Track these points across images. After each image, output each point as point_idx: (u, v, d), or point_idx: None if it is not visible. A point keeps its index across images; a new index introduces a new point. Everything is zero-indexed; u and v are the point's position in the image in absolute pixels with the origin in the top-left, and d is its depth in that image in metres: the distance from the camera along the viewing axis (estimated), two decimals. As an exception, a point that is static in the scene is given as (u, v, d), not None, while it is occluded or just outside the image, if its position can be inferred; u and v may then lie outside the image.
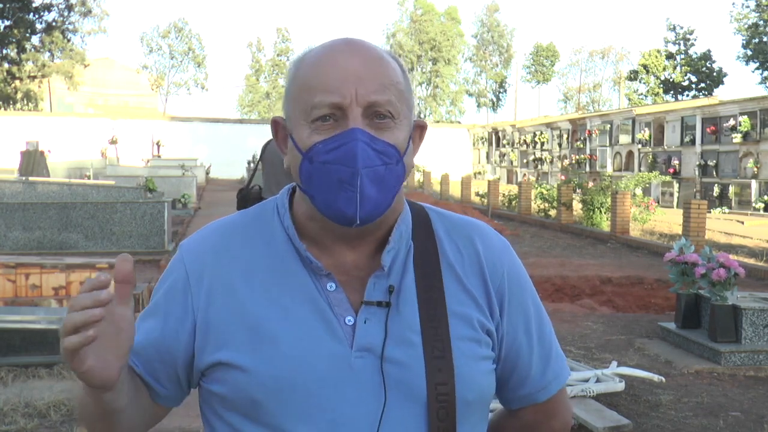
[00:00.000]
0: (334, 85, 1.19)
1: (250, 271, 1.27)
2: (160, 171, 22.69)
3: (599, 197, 17.78)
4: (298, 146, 1.23)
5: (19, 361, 5.90)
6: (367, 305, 1.25)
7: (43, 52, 50.41)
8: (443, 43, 70.61)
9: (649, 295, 9.89)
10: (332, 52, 1.23)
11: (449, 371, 1.23)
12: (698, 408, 5.49)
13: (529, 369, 1.37)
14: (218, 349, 1.24)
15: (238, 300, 1.26)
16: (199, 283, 1.28)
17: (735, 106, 23.66)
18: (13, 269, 6.95)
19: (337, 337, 1.23)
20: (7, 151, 34.51)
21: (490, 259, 1.34)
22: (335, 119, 1.20)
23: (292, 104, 1.25)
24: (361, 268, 1.28)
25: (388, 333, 1.23)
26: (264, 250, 1.29)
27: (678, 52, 61.88)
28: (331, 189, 1.19)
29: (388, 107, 1.22)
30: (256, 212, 1.36)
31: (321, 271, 1.26)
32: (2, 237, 9.73)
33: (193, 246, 1.33)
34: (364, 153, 1.18)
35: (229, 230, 1.34)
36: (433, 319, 1.25)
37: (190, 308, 1.28)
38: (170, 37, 72.47)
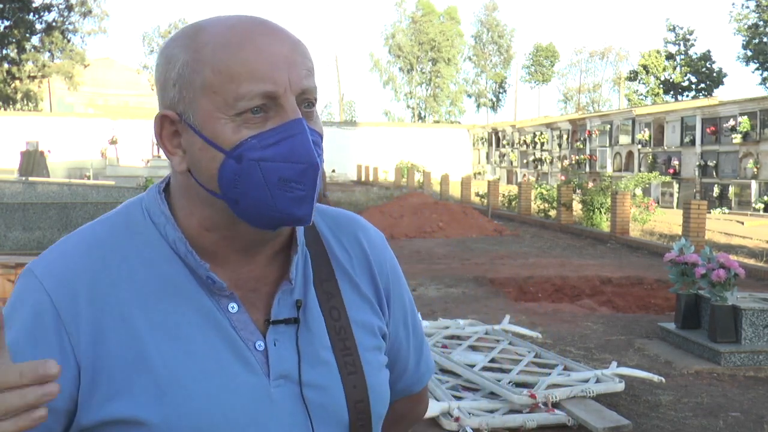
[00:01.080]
0: (265, 72, 1.02)
1: (139, 298, 1.06)
2: (160, 171, 22.66)
3: (599, 198, 17.78)
4: (215, 144, 1.03)
5: (19, 362, 5.88)
6: (274, 325, 1.10)
7: (43, 52, 50.42)
8: (443, 44, 70.60)
9: (649, 295, 9.88)
10: (251, 34, 1.04)
11: (363, 387, 1.14)
12: (698, 408, 5.49)
13: (407, 362, 1.32)
14: (110, 400, 1.03)
15: (131, 335, 1.04)
16: (75, 317, 1.04)
17: (735, 106, 23.66)
18: (13, 269, 6.92)
19: (251, 368, 1.08)
20: (7, 151, 34.52)
21: (376, 257, 1.24)
22: (265, 111, 1.03)
23: (201, 94, 1.04)
24: (260, 280, 1.13)
25: (301, 354, 1.11)
26: (148, 270, 1.08)
27: (678, 53, 61.87)
28: (268, 189, 1.02)
29: (315, 94, 1.08)
30: (120, 222, 1.13)
31: (223, 291, 1.08)
32: (2, 237, 9.71)
33: (54, 270, 1.06)
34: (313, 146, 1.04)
35: (98, 247, 1.09)
36: (340, 332, 1.15)
37: (68, 350, 1.03)
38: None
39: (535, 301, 9.62)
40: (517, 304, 9.30)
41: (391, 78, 73.41)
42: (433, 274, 10.97)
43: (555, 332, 7.63)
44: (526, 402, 5.08)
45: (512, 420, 4.94)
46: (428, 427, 4.94)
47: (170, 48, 1.08)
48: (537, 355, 6.19)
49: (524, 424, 4.92)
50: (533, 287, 10.42)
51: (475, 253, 13.89)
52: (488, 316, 8.10)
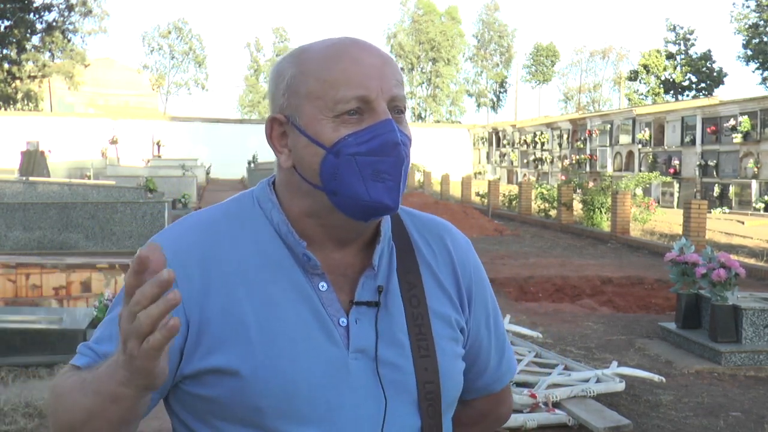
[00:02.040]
0: (360, 80, 1.19)
1: (242, 270, 1.23)
2: (161, 171, 22.69)
3: (599, 197, 17.78)
4: (318, 141, 1.20)
5: (20, 361, 5.90)
6: (357, 305, 1.24)
7: (44, 52, 50.45)
8: (443, 43, 70.59)
9: (650, 295, 9.88)
10: (347, 49, 1.22)
11: (435, 370, 1.26)
12: (699, 408, 5.49)
13: (488, 362, 1.41)
14: (211, 353, 1.19)
15: (233, 300, 1.20)
16: (187, 281, 1.20)
17: (735, 106, 23.66)
18: (14, 269, 6.94)
19: (334, 340, 1.22)
20: (8, 151, 34.52)
21: (460, 258, 1.37)
22: (360, 113, 1.19)
23: (306, 100, 1.21)
24: (348, 266, 1.27)
25: (379, 334, 1.24)
26: (253, 247, 1.24)
27: (678, 52, 61.87)
28: (363, 181, 1.18)
29: (404, 102, 1.24)
30: (235, 207, 1.30)
31: (316, 269, 1.24)
32: (2, 237, 9.73)
33: (170, 243, 1.21)
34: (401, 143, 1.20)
35: (212, 226, 1.27)
36: (417, 318, 1.27)
37: (180, 308, 1.18)
38: (170, 37, 72.51)
39: (536, 301, 9.63)
40: (518, 303, 9.30)
41: (392, 77, 73.30)
42: (434, 274, 10.96)
43: (555, 332, 7.63)
44: (526, 402, 5.08)
45: (513, 420, 4.91)
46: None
47: (281, 65, 1.27)
48: (537, 355, 6.19)
49: (525, 423, 4.91)
50: (534, 287, 10.42)
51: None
52: (489, 316, 8.09)
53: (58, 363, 5.92)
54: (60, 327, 6.13)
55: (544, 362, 6.03)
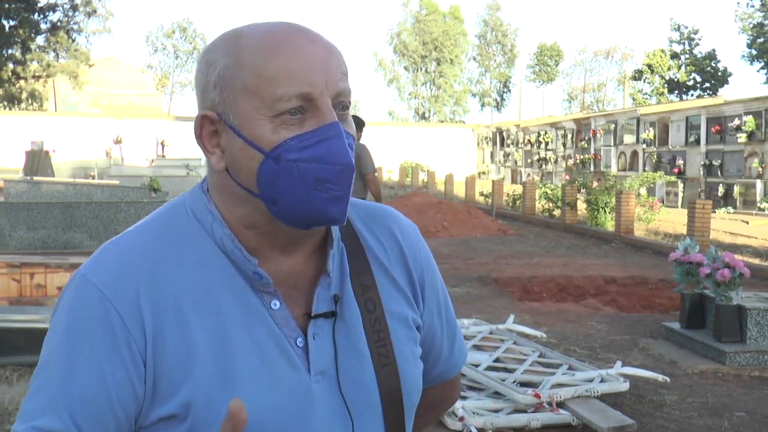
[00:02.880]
0: (302, 74, 1.06)
1: (191, 298, 1.09)
2: (165, 171, 22.66)
3: (603, 197, 17.76)
4: (255, 145, 1.07)
5: (24, 361, 5.88)
6: (314, 319, 1.14)
7: (48, 52, 50.48)
8: (446, 43, 70.58)
9: (654, 295, 9.88)
10: (289, 38, 1.08)
11: (396, 377, 1.18)
12: (703, 408, 5.49)
13: (441, 350, 1.35)
14: (168, 398, 1.07)
15: (185, 335, 1.08)
16: (139, 323, 1.07)
17: (740, 105, 23.61)
18: (18, 269, 6.95)
19: (294, 365, 1.11)
20: (12, 150, 34.59)
21: (410, 248, 1.28)
22: (302, 112, 1.06)
23: (241, 95, 1.07)
24: (299, 276, 1.16)
25: (338, 348, 1.14)
26: (196, 268, 1.11)
27: (683, 52, 61.80)
28: (305, 189, 1.06)
29: (349, 97, 1.12)
30: (168, 223, 1.15)
31: (268, 287, 1.12)
32: (7, 236, 9.73)
33: (111, 277, 1.08)
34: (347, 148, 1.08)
35: (149, 250, 1.11)
36: (375, 324, 1.18)
37: (138, 356, 1.06)
38: (175, 37, 72.58)
39: (540, 301, 9.63)
40: (522, 303, 9.30)
41: (396, 77, 73.40)
42: (438, 274, 10.95)
43: (559, 332, 7.62)
44: (530, 401, 5.08)
45: (517, 419, 4.95)
46: (432, 426, 4.94)
47: (211, 52, 1.12)
48: (541, 355, 6.19)
49: (529, 423, 4.92)
50: (537, 287, 10.42)
51: (479, 252, 13.88)
52: (492, 316, 8.10)
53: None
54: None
55: (548, 362, 6.02)
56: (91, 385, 1.05)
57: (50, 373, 1.07)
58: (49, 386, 1.06)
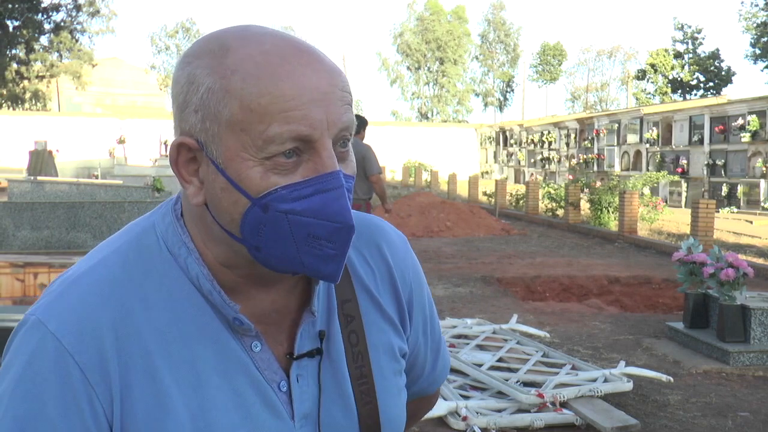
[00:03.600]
0: (301, 111, 0.91)
1: (162, 344, 0.97)
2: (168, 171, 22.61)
3: (607, 197, 17.75)
4: (240, 188, 0.92)
5: (28, 360, 5.90)
6: (297, 360, 1.04)
7: (52, 52, 50.59)
8: (450, 43, 70.56)
9: (657, 294, 9.86)
10: (285, 64, 0.92)
11: (375, 416, 1.08)
12: (707, 408, 5.48)
13: (424, 366, 1.27)
14: None
15: (156, 389, 0.96)
16: (104, 377, 0.94)
17: (743, 105, 23.58)
18: (22, 268, 6.93)
19: (277, 412, 1.02)
20: (16, 150, 34.64)
21: (399, 267, 1.17)
22: (298, 154, 0.92)
23: (226, 129, 0.92)
24: (279, 311, 1.05)
25: (322, 389, 1.05)
26: (168, 310, 0.99)
27: (686, 51, 61.70)
28: (294, 244, 0.93)
29: (352, 129, 0.97)
30: (132, 255, 1.01)
31: (249, 332, 1.01)
32: (11, 236, 9.74)
33: (72, 325, 0.94)
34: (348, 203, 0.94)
35: (114, 291, 0.98)
36: (357, 359, 1.08)
37: (101, 415, 0.94)
38: (178, 37, 72.65)
39: (543, 301, 9.62)
40: (525, 303, 9.29)
41: (399, 77, 73.41)
42: (441, 274, 10.96)
43: (563, 331, 7.62)
44: (534, 401, 5.08)
45: (520, 419, 4.94)
46: (436, 426, 4.94)
47: (193, 66, 0.95)
48: (545, 355, 6.19)
49: (532, 423, 4.92)
50: (541, 286, 10.42)
51: (482, 252, 13.88)
52: (496, 316, 8.10)
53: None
54: None
55: (552, 362, 6.02)
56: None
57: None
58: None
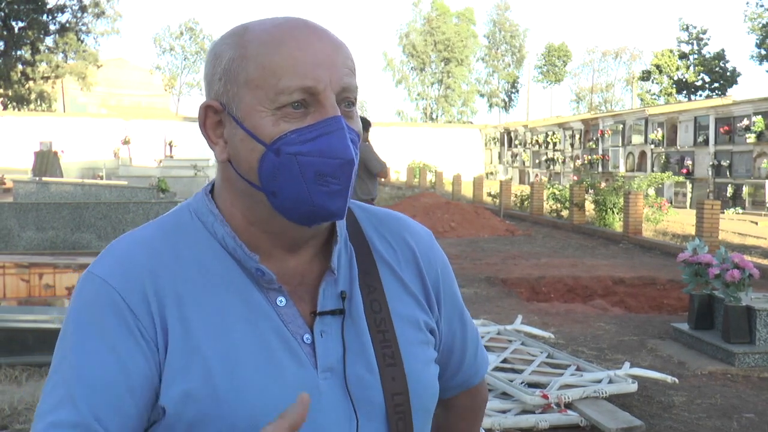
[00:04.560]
0: (307, 68, 1.06)
1: (192, 294, 1.10)
2: (173, 171, 22.70)
3: (612, 197, 17.76)
4: (255, 136, 1.07)
5: (33, 361, 5.93)
6: (320, 316, 1.13)
7: (57, 53, 50.70)
8: (456, 44, 70.59)
9: (662, 295, 9.87)
10: (294, 32, 1.08)
11: (402, 379, 1.16)
12: (712, 409, 5.48)
13: (464, 355, 1.34)
14: (169, 387, 1.07)
15: (187, 331, 1.08)
16: (146, 313, 1.08)
17: (749, 105, 23.55)
18: (27, 269, 6.98)
19: (300, 361, 1.11)
20: (21, 151, 34.75)
21: (424, 254, 1.27)
22: (305, 106, 1.07)
23: (244, 88, 1.08)
24: (305, 274, 1.16)
25: (346, 346, 1.14)
26: (199, 267, 1.12)
27: (691, 52, 61.65)
28: (304, 184, 1.06)
29: (355, 93, 1.12)
30: (170, 222, 1.17)
31: (272, 284, 1.12)
32: (16, 237, 9.78)
33: (118, 271, 1.10)
34: (349, 143, 1.08)
35: (152, 247, 1.13)
36: (380, 324, 1.17)
37: (149, 338, 1.07)
38: (182, 38, 72.80)
39: (548, 302, 9.64)
40: (530, 304, 9.30)
41: (404, 77, 73.46)
42: (445, 274, 10.97)
43: (567, 332, 7.63)
44: (538, 402, 5.08)
45: (525, 420, 4.94)
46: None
47: (219, 45, 1.13)
48: (549, 356, 6.19)
49: (537, 424, 4.92)
50: (545, 287, 10.43)
51: (487, 253, 13.89)
52: (500, 317, 8.11)
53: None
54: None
55: (556, 363, 6.03)
56: (108, 373, 1.05)
57: (64, 368, 1.06)
58: (65, 381, 1.05)
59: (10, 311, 6.49)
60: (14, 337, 6.03)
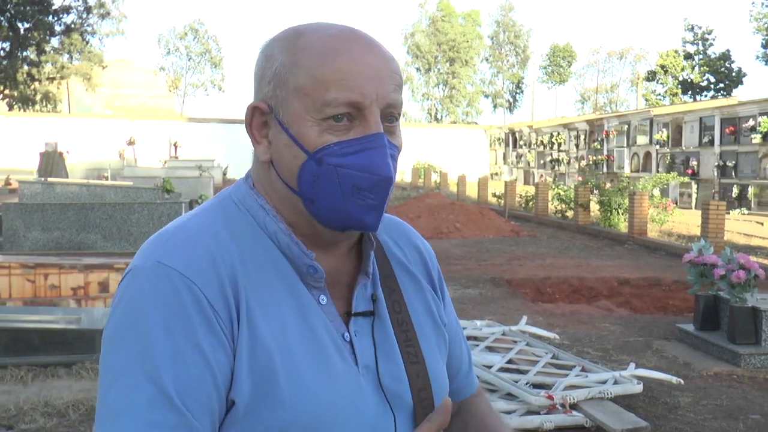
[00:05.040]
0: (355, 82, 1.09)
1: (253, 288, 1.12)
2: (178, 172, 22.77)
3: (617, 198, 17.76)
4: (300, 144, 1.10)
5: (39, 361, 5.95)
6: (354, 317, 1.18)
7: (62, 53, 50.85)
8: (461, 45, 70.59)
9: (667, 296, 9.87)
10: (347, 45, 1.11)
11: (425, 376, 1.22)
12: (717, 410, 5.47)
13: (462, 360, 1.40)
14: (239, 380, 1.09)
15: (254, 322, 1.10)
16: (223, 304, 1.08)
17: (754, 106, 23.52)
18: (32, 269, 6.97)
19: (344, 357, 1.15)
20: (27, 152, 34.82)
21: (429, 256, 1.36)
22: (350, 119, 1.09)
23: (293, 95, 1.11)
24: (340, 273, 1.20)
25: (377, 345, 1.18)
26: (256, 259, 1.13)
27: (696, 53, 61.58)
28: (342, 194, 1.09)
29: (400, 109, 1.15)
30: (220, 214, 1.17)
31: (319, 282, 1.15)
32: (21, 237, 9.80)
33: (190, 262, 1.08)
34: (389, 160, 1.11)
35: (219, 235, 1.13)
36: (402, 324, 1.23)
37: (228, 334, 1.08)
38: (187, 39, 72.90)
39: (553, 302, 9.63)
40: (534, 305, 9.30)
41: (409, 78, 73.48)
42: (450, 275, 10.96)
43: (572, 333, 7.63)
44: (543, 403, 5.08)
45: (530, 421, 4.94)
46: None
47: (271, 47, 1.15)
48: (554, 356, 6.19)
49: (542, 425, 4.91)
50: (550, 288, 10.43)
51: (491, 253, 13.90)
52: (505, 317, 8.11)
53: (77, 362, 5.97)
54: (78, 327, 6.17)
55: (561, 363, 6.03)
56: (197, 372, 1.05)
57: (147, 366, 1.04)
58: (152, 379, 1.03)
59: (15, 311, 6.49)
60: (19, 337, 6.05)
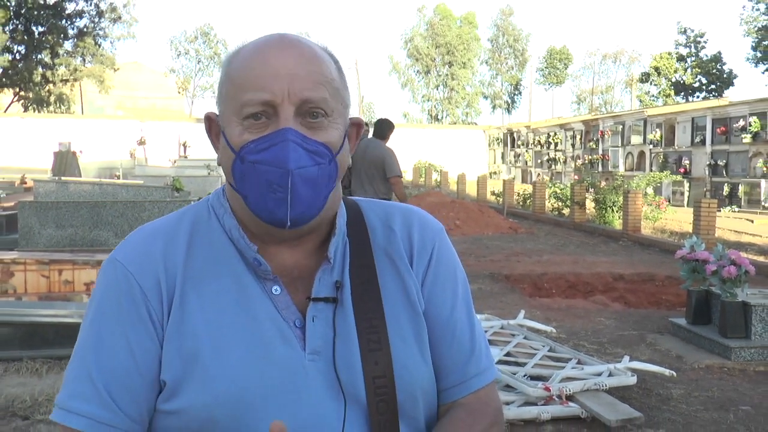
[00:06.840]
0: (265, 83, 1.15)
1: (196, 278, 1.20)
2: (187, 171, 22.66)
3: (611, 196, 17.80)
4: (230, 144, 1.18)
5: (53, 354, 5.97)
6: (314, 302, 1.21)
7: (75, 56, 50.83)
8: (459, 47, 70.39)
9: (661, 291, 9.84)
10: (264, 48, 1.18)
11: (387, 363, 1.20)
12: (709, 402, 5.48)
13: (459, 351, 1.32)
14: (169, 363, 1.18)
15: (188, 311, 1.18)
16: (156, 295, 1.19)
17: (745, 107, 23.60)
18: (47, 265, 7.02)
19: (289, 342, 1.18)
20: (41, 152, 34.74)
21: (421, 238, 1.31)
22: (267, 117, 1.16)
23: (224, 101, 1.20)
24: (303, 268, 1.24)
25: (336, 332, 1.20)
26: (206, 253, 1.22)
27: (689, 55, 61.54)
28: (261, 190, 1.15)
29: (321, 105, 1.17)
30: (190, 214, 1.28)
31: (268, 275, 1.21)
32: (36, 234, 9.90)
33: (133, 256, 1.22)
34: (296, 153, 1.14)
35: (171, 235, 1.24)
36: (368, 312, 1.22)
37: (157, 321, 1.19)
38: (197, 42, 72.81)
39: (549, 297, 9.63)
40: (532, 299, 9.30)
41: (410, 80, 73.28)
42: (449, 272, 11.00)
43: (569, 327, 7.62)
44: (540, 394, 5.07)
45: (527, 412, 4.94)
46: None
47: (224, 59, 1.27)
48: (551, 349, 6.18)
49: (539, 416, 4.91)
50: (547, 283, 10.43)
51: (490, 250, 13.91)
52: (504, 312, 8.10)
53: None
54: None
55: (558, 356, 6.02)
56: (119, 357, 1.17)
57: (85, 348, 1.19)
58: (83, 359, 1.19)
59: (31, 306, 6.54)
60: (35, 331, 6.07)
